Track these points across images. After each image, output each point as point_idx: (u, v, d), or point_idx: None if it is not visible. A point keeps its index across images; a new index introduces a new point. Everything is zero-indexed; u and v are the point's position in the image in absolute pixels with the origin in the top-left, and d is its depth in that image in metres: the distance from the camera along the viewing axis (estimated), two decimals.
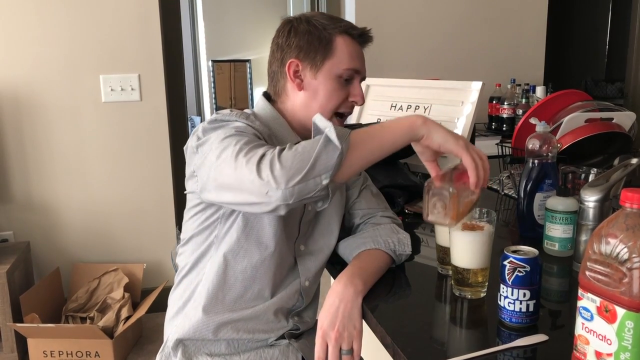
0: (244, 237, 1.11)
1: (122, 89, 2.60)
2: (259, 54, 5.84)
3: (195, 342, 1.16)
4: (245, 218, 1.10)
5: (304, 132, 1.15)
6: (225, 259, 1.12)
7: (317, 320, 1.06)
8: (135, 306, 2.53)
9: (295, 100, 1.16)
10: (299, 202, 0.91)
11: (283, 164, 0.88)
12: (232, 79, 5.88)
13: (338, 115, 1.18)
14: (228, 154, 0.95)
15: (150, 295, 2.55)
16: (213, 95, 5.87)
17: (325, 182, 0.89)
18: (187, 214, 1.17)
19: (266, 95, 1.22)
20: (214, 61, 5.77)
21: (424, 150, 1.01)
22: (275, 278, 1.15)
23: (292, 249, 1.18)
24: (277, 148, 0.92)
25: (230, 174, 0.94)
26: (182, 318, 1.16)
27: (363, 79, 1.19)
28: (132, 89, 2.61)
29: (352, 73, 1.15)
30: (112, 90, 2.59)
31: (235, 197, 0.96)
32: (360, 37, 1.17)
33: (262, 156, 0.90)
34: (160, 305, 2.40)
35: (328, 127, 0.91)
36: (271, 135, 1.12)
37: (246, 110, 1.16)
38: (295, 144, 0.93)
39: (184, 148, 1.11)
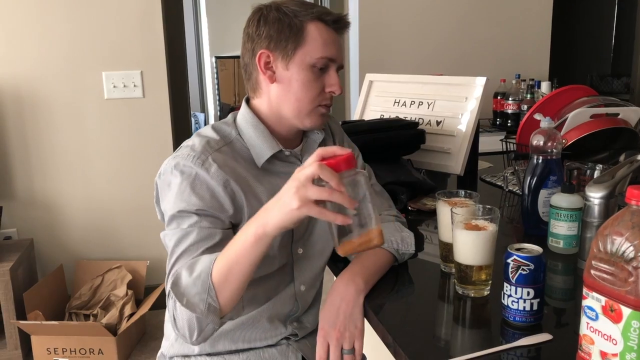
0: None
1: (124, 86, 2.59)
2: None
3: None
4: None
5: (285, 127, 1.12)
6: None
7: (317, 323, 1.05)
8: (138, 303, 2.53)
9: (270, 94, 1.09)
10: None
11: (180, 325, 0.97)
12: (235, 75, 5.87)
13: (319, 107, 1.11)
14: (167, 244, 1.04)
15: (153, 292, 2.55)
16: (216, 92, 5.87)
17: (216, 326, 0.97)
18: None
19: (247, 98, 1.16)
20: (217, 57, 5.76)
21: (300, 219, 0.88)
22: (268, 283, 1.13)
23: (288, 253, 1.14)
24: (174, 297, 0.96)
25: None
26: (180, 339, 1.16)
27: (340, 67, 1.11)
28: (134, 86, 2.60)
29: (326, 62, 1.07)
30: (114, 87, 2.59)
31: None
32: (335, 23, 1.08)
33: (168, 303, 0.98)
34: (163, 302, 2.38)
35: (198, 313, 0.94)
36: (251, 148, 1.10)
37: (230, 119, 1.13)
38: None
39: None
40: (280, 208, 0.86)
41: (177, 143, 2.74)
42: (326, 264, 1.21)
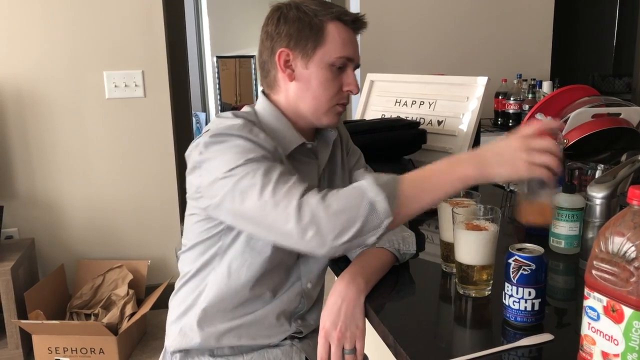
0: (249, 248, 1.08)
1: (125, 86, 2.59)
2: None
3: (197, 346, 1.15)
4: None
5: (302, 124, 1.13)
6: (229, 270, 1.09)
7: None
8: (139, 303, 2.53)
9: (288, 91, 1.11)
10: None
11: (329, 221, 0.88)
12: (237, 75, 5.87)
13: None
14: (247, 186, 0.93)
15: (154, 292, 2.55)
16: (218, 92, 5.87)
17: (370, 241, 0.91)
18: (189, 219, 1.13)
19: (263, 91, 1.17)
20: (218, 57, 5.76)
21: None
22: (275, 281, 1.13)
23: (290, 253, 1.12)
24: (316, 196, 0.90)
25: (259, 213, 0.93)
26: (183, 326, 1.15)
27: (357, 66, 1.13)
28: (135, 86, 2.61)
29: (344, 61, 1.09)
30: (115, 86, 2.59)
31: (263, 233, 0.96)
32: (354, 23, 1.10)
33: (300, 205, 0.90)
34: (164, 302, 2.39)
35: (378, 197, 0.89)
36: (275, 138, 1.08)
37: (247, 109, 1.13)
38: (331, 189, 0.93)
39: (186, 155, 1.07)
40: (507, 165, 0.91)
41: (178, 143, 2.74)
42: (328, 262, 1.21)
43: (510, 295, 0.89)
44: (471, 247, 0.99)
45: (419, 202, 0.93)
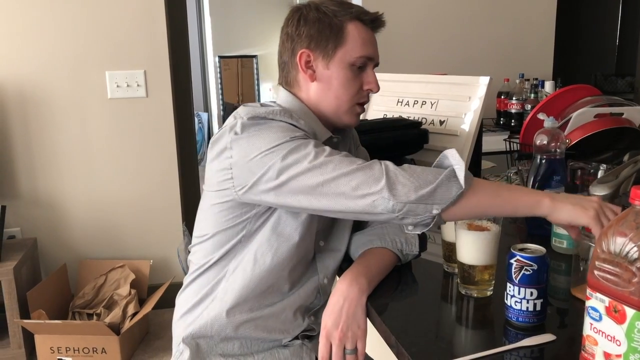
0: (276, 235, 1.08)
1: (128, 85, 2.60)
2: (266, 50, 5.84)
3: (209, 340, 1.13)
4: (278, 216, 1.07)
5: (323, 122, 1.14)
6: (255, 256, 1.09)
7: None
8: (141, 302, 2.53)
9: (309, 91, 1.13)
10: (399, 221, 0.92)
11: (402, 177, 0.90)
12: (239, 74, 5.88)
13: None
14: (297, 157, 0.94)
15: (156, 292, 2.56)
16: (220, 91, 5.87)
17: (435, 212, 0.91)
18: (209, 210, 1.11)
19: (285, 87, 1.18)
20: (220, 57, 5.77)
21: None
22: (294, 275, 1.13)
23: (312, 245, 1.15)
24: (384, 161, 0.93)
25: (313, 177, 0.93)
26: (198, 313, 1.13)
27: (376, 65, 1.16)
28: (138, 85, 2.61)
29: (365, 60, 1.12)
30: (118, 86, 2.59)
31: (314, 201, 0.95)
32: (373, 22, 1.14)
33: (368, 163, 0.92)
34: (166, 302, 2.40)
35: (459, 165, 0.92)
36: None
37: (270, 103, 1.13)
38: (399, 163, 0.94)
39: (212, 141, 1.06)
40: (577, 205, 0.91)
41: (180, 142, 2.74)
42: (342, 258, 1.21)
43: (512, 296, 0.89)
44: (473, 247, 0.99)
45: (485, 202, 0.94)
